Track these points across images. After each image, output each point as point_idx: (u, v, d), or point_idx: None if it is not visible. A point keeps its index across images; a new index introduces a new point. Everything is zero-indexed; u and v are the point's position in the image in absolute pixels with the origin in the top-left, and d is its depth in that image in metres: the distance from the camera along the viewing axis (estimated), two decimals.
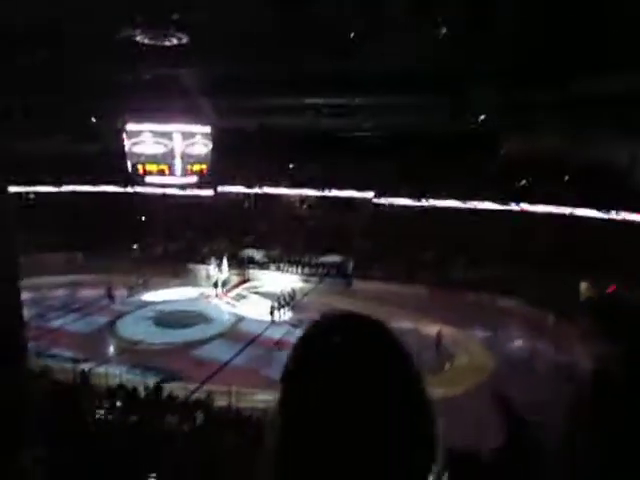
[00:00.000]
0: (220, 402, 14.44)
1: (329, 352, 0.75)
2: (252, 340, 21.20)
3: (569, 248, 27.23)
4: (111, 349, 21.49)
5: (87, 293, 28.11)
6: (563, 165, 30.80)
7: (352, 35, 13.81)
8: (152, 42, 13.90)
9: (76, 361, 17.63)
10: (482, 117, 29.21)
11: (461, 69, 21.44)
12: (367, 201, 36.18)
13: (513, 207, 31.57)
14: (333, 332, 0.78)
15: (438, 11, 12.50)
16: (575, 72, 19.58)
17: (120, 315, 25.04)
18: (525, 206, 31.20)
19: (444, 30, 12.39)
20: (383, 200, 35.49)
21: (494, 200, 32.04)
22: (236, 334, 22.54)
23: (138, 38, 13.68)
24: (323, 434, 0.69)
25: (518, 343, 21.92)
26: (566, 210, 29.62)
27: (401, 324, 24.31)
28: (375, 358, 0.76)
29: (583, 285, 25.16)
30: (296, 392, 0.75)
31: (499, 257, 28.65)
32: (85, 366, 17.32)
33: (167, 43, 14.27)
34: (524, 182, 32.29)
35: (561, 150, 30.56)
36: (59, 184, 37.32)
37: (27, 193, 37.08)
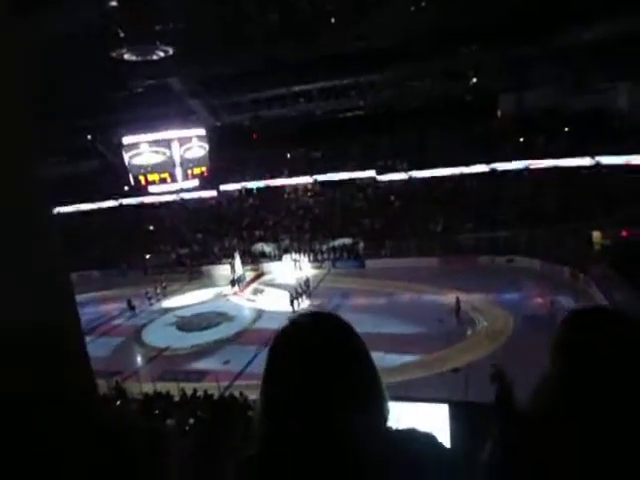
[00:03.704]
0: (254, 396, 14.78)
1: (297, 339, 1.10)
2: (274, 334, 21.47)
3: (576, 200, 27.16)
4: (139, 359, 21.94)
5: (108, 307, 28.63)
6: (560, 117, 30.57)
7: (333, 20, 13.79)
8: (140, 58, 13.98)
9: (108, 375, 17.97)
10: (474, 80, 29.08)
11: (449, 33, 21.34)
12: (370, 180, 36.19)
13: (516, 166, 31.36)
14: (301, 325, 1.13)
15: None
16: (560, 23, 19.47)
17: (144, 325, 25.51)
18: (527, 163, 30.98)
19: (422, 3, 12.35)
20: (385, 177, 35.46)
21: (494, 161, 31.84)
22: (258, 329, 22.84)
23: (126, 56, 13.78)
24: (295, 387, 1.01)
25: (536, 300, 22.01)
26: (568, 162, 29.40)
27: (418, 297, 24.58)
28: (328, 337, 1.08)
29: (595, 234, 25.09)
30: (275, 364, 1.08)
31: (507, 218, 28.65)
32: (117, 378, 17.75)
33: (154, 57, 14.34)
34: (522, 140, 32.06)
35: (557, 102, 30.36)
36: (61, 205, 37.31)
37: None
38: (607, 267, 21.37)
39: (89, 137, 29.17)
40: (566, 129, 30.73)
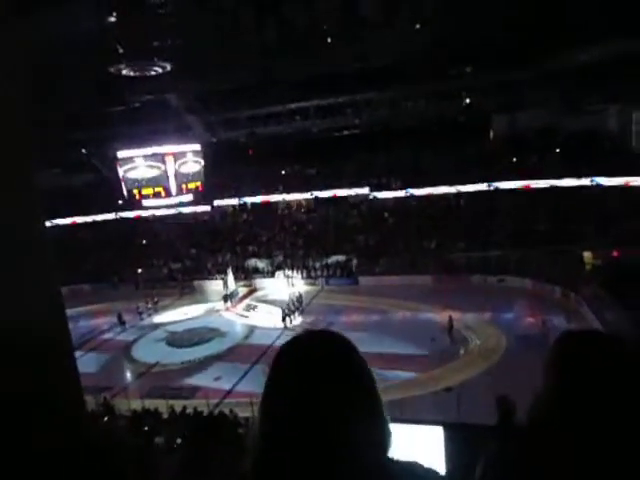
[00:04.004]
0: (244, 414, 14.57)
1: (298, 358, 1.07)
2: (266, 350, 21.16)
3: (568, 220, 27.41)
4: (128, 374, 21.63)
5: (98, 322, 28.32)
6: (553, 138, 31.02)
7: (329, 40, 14.00)
8: (138, 74, 14.08)
9: (96, 390, 17.65)
10: (467, 101, 29.49)
11: (442, 57, 21.69)
12: (363, 197, 36.34)
13: (509, 186, 31.60)
14: (301, 345, 1.11)
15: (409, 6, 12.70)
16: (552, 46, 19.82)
17: (134, 340, 25.21)
18: (519, 183, 31.25)
19: (418, 25, 12.59)
20: (378, 194, 35.63)
21: (487, 181, 32.09)
22: (250, 346, 22.61)
23: (124, 71, 13.87)
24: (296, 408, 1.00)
25: (528, 319, 22.03)
26: (560, 182, 29.71)
27: (411, 315, 24.53)
28: (330, 359, 1.07)
29: (587, 254, 25.28)
30: (276, 380, 1.07)
31: (499, 238, 28.80)
32: (106, 394, 17.45)
33: (152, 73, 14.44)
34: (515, 160, 32.42)
35: (550, 123, 30.81)
36: (55, 217, 36.90)
37: None
38: (598, 287, 21.47)
39: (84, 150, 29.16)
40: (558, 150, 31.16)
